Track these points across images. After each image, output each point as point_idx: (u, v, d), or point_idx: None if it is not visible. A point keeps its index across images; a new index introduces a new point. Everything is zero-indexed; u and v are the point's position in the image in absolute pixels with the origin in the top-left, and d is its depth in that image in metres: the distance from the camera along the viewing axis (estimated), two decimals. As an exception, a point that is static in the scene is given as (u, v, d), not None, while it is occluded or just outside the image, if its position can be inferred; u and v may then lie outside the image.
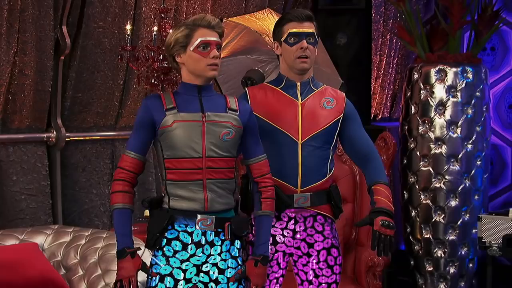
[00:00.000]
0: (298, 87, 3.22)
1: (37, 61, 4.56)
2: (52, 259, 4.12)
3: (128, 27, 4.57)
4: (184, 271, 2.88)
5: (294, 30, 3.15)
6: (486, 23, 5.51)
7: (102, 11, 4.78)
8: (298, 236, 3.21)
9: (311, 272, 3.24)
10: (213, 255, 2.90)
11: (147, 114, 2.87)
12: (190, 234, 2.88)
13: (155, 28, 4.61)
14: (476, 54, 5.58)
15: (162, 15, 4.60)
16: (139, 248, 2.89)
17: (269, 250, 3.19)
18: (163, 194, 2.92)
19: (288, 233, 3.21)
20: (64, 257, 4.12)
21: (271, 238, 3.19)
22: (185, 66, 2.90)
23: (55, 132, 4.75)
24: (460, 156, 5.43)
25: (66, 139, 4.79)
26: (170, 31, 4.45)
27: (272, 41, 3.27)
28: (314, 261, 3.22)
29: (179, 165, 2.85)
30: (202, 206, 2.86)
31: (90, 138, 4.98)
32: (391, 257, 4.75)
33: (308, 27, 3.16)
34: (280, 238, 3.21)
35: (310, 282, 3.24)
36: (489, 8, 5.52)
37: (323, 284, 3.23)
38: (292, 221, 3.21)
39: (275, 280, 3.22)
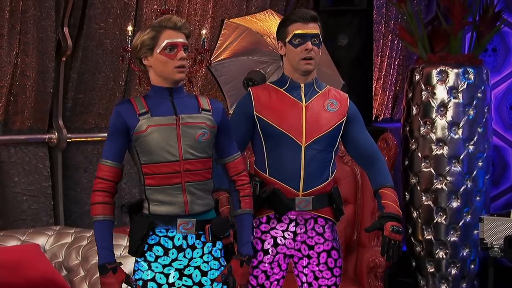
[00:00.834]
0: (302, 89, 3.20)
1: (39, 62, 4.57)
2: (54, 260, 4.13)
3: (130, 28, 4.57)
4: (167, 275, 2.87)
5: (299, 31, 3.13)
6: (488, 24, 5.51)
7: (104, 13, 4.79)
8: (298, 238, 3.21)
9: (311, 274, 3.23)
10: (195, 258, 2.89)
11: (120, 121, 2.82)
12: (171, 238, 2.86)
13: (174, 16, 4.59)
14: (478, 55, 5.58)
15: (164, 16, 4.60)
16: (121, 263, 2.86)
17: (270, 252, 3.19)
18: (143, 199, 2.89)
19: (289, 235, 3.21)
20: (66, 258, 4.13)
21: (272, 240, 3.20)
22: (153, 69, 2.86)
23: (56, 133, 4.75)
24: (461, 157, 5.43)
25: (68, 140, 4.79)
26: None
27: (276, 41, 3.25)
28: (314, 263, 3.22)
29: (157, 170, 2.82)
30: (183, 210, 2.84)
31: (92, 139, 4.98)
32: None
33: (313, 28, 3.15)
34: (281, 240, 3.21)
35: (310, 284, 3.24)
36: (491, 9, 5.52)
37: (323, 286, 3.23)
38: (293, 223, 3.20)
39: (276, 282, 3.22)
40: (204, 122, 2.87)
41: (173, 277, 2.87)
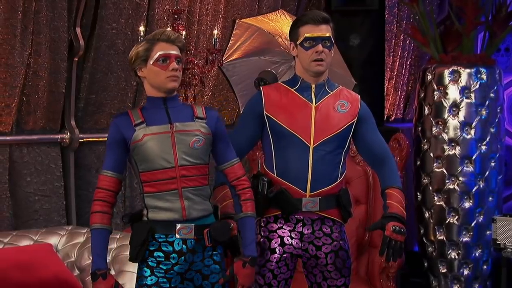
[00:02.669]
0: (313, 89, 3.21)
1: (51, 62, 4.59)
2: (66, 260, 4.14)
3: (141, 28, 4.58)
4: (169, 279, 2.92)
5: (310, 34, 3.13)
6: (500, 24, 5.49)
7: (116, 13, 4.80)
8: (305, 238, 3.21)
9: (319, 274, 3.23)
10: (195, 262, 2.94)
11: (117, 133, 2.92)
12: (171, 243, 2.91)
13: (168, 30, 4.61)
14: (490, 55, 5.55)
15: (175, 16, 4.61)
16: (109, 269, 2.94)
17: (277, 251, 3.19)
18: (142, 207, 2.95)
19: (296, 235, 3.21)
20: (78, 258, 4.14)
21: (279, 240, 3.19)
22: (147, 80, 2.95)
23: (68, 133, 4.77)
24: (474, 157, 5.41)
25: (80, 140, 4.81)
26: (184, 32, 4.47)
27: (288, 41, 3.26)
28: (322, 263, 3.22)
29: (154, 177, 2.90)
30: (180, 215, 2.90)
31: (104, 139, 4.99)
32: (405, 259, 4.74)
33: (325, 31, 3.15)
34: (287, 240, 3.20)
35: (319, 285, 3.24)
36: (504, 8, 5.50)
37: (332, 287, 3.22)
38: (300, 224, 3.20)
39: (283, 282, 3.22)
40: (198, 130, 2.94)
41: (175, 281, 2.92)
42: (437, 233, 5.47)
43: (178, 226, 2.90)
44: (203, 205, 2.94)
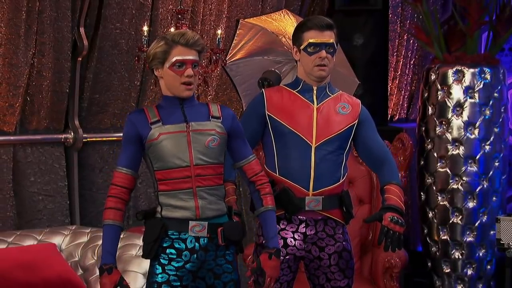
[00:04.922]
0: (315, 92, 3.23)
1: (55, 62, 4.59)
2: (70, 259, 4.15)
3: (145, 28, 4.59)
4: (180, 278, 2.91)
5: (314, 40, 3.15)
6: (504, 24, 5.48)
7: (119, 13, 4.81)
8: (309, 239, 3.21)
9: (323, 276, 3.23)
10: (208, 260, 2.93)
11: (133, 130, 2.92)
12: (184, 241, 2.91)
13: (172, 29, 4.62)
14: (494, 55, 5.55)
15: (179, 16, 4.62)
16: (115, 264, 2.93)
17: (280, 252, 3.19)
18: (156, 205, 2.96)
19: (299, 236, 3.21)
20: (82, 257, 4.15)
21: (282, 241, 3.20)
22: (163, 80, 2.95)
23: (72, 133, 4.77)
24: (477, 157, 5.40)
25: (84, 140, 4.81)
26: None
27: (292, 44, 3.27)
28: (325, 264, 3.22)
29: (169, 176, 2.90)
30: (194, 214, 2.90)
31: (107, 139, 5.00)
32: (408, 258, 4.74)
33: (328, 37, 3.17)
34: (291, 241, 3.21)
35: (322, 286, 3.24)
36: (507, 8, 5.50)
37: None
38: (303, 225, 3.21)
39: (286, 284, 3.22)
40: (214, 129, 2.94)
41: (186, 279, 2.92)
42: (441, 233, 5.47)
43: (191, 223, 2.89)
44: (218, 205, 2.94)
